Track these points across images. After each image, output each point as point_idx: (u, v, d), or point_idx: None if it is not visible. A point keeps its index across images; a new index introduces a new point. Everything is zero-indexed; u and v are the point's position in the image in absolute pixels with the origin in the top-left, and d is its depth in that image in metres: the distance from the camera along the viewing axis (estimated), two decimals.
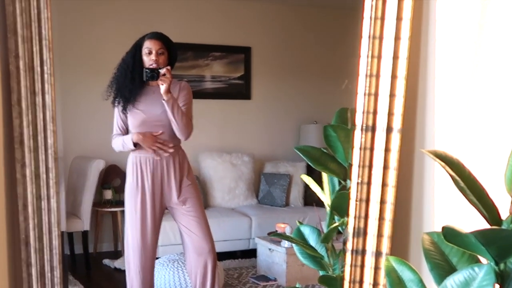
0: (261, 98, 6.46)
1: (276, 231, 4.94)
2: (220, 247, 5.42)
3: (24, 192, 1.78)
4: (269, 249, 4.90)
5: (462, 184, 1.23)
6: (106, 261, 5.34)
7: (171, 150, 3.29)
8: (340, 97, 6.93)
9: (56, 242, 1.80)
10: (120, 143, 3.34)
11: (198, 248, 3.36)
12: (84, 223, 5.07)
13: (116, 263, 5.14)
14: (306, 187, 6.07)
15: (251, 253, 5.47)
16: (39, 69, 1.74)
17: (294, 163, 6.14)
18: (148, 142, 3.26)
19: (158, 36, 3.26)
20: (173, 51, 3.33)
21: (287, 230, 4.75)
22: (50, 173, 1.78)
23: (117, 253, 5.63)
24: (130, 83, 3.24)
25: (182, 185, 3.36)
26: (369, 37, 1.65)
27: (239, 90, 6.37)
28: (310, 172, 6.07)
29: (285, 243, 4.73)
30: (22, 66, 1.73)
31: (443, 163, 1.24)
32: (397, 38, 1.63)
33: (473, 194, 1.23)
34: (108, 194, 5.54)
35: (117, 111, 3.36)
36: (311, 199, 6.05)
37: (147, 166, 3.30)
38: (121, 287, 3.41)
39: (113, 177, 5.52)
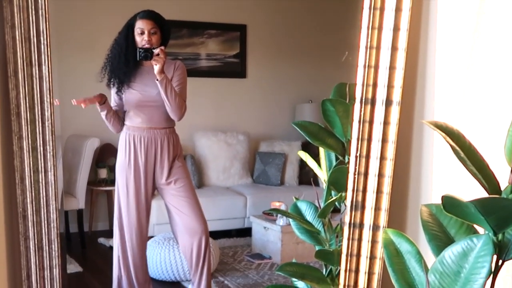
0: (257, 76, 6.43)
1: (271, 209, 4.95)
2: (215, 226, 5.45)
3: (21, 165, 1.77)
4: (264, 227, 4.91)
5: (462, 154, 1.23)
6: (101, 240, 5.35)
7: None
8: (336, 76, 6.88)
9: (53, 215, 1.79)
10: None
11: (191, 229, 3.36)
12: (79, 201, 5.07)
13: (111, 242, 5.09)
14: (301, 166, 6.08)
15: (246, 232, 5.49)
16: (35, 39, 1.72)
17: (290, 142, 6.14)
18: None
19: (150, 16, 3.22)
20: (166, 30, 3.29)
21: (283, 208, 4.76)
22: (47, 146, 1.77)
23: (112, 232, 5.62)
24: (124, 65, 3.22)
25: (173, 166, 3.36)
26: (369, 8, 1.64)
27: (234, 69, 6.33)
28: (306, 151, 6.06)
29: (280, 221, 4.74)
30: (18, 36, 1.71)
31: (443, 134, 1.24)
32: (398, 9, 1.62)
33: (473, 165, 1.23)
34: (103, 173, 5.53)
35: (112, 92, 3.37)
36: (306, 178, 6.06)
37: (140, 144, 3.30)
38: None
39: (108, 155, 5.50)
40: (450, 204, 1.20)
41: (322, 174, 2.24)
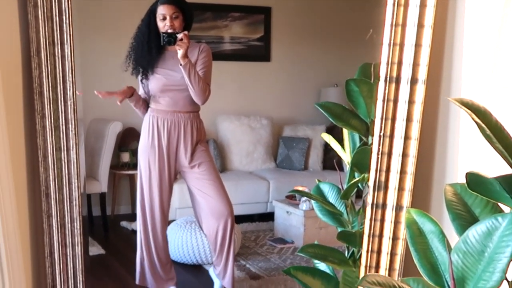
0: (281, 60, 6.37)
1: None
2: (237, 211, 5.41)
3: (44, 144, 1.78)
4: (287, 212, 4.90)
5: (488, 132, 1.20)
6: (123, 223, 5.39)
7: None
8: (363, 59, 6.76)
9: (76, 193, 1.80)
10: None
11: (216, 212, 3.36)
12: (102, 185, 5.10)
13: (134, 225, 5.17)
14: (325, 151, 6.04)
15: (268, 217, 5.48)
16: (57, 18, 1.72)
17: (313, 127, 6.10)
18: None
19: (170, 0, 3.19)
20: (188, 13, 3.27)
21: None
22: (70, 125, 1.78)
23: (134, 216, 5.60)
24: (147, 53, 3.23)
25: (196, 149, 3.37)
26: None
27: (258, 52, 6.28)
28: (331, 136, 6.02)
29: (303, 206, 4.73)
30: (41, 15, 1.71)
31: (469, 111, 1.21)
32: None
33: (499, 142, 1.20)
34: (126, 157, 5.56)
35: (139, 78, 3.38)
36: (330, 163, 6.01)
37: (164, 126, 3.31)
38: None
39: (130, 139, 5.52)
40: (474, 181, 1.17)
41: (346, 156, 2.22)
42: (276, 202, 5.09)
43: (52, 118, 1.76)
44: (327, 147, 5.97)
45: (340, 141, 2.26)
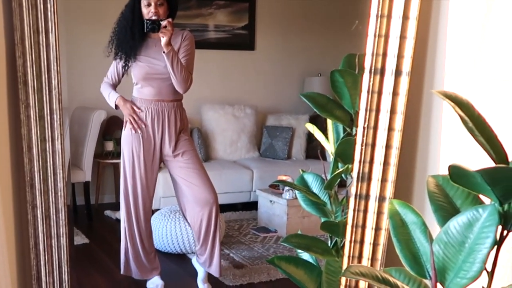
0: (265, 49, 6.39)
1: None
2: (221, 200, 5.41)
3: (28, 134, 1.77)
4: (270, 201, 4.93)
5: (470, 124, 1.22)
6: (107, 212, 5.39)
7: (140, 129, 3.30)
8: (347, 49, 6.81)
9: (60, 184, 1.80)
10: (106, 93, 3.39)
11: (201, 200, 3.37)
12: (86, 174, 5.10)
13: (118, 215, 5.16)
14: (309, 140, 6.07)
15: (252, 206, 5.52)
16: (42, 6, 1.70)
17: (297, 116, 6.13)
18: (126, 111, 3.30)
19: None
20: (173, 1, 3.25)
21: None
22: (54, 115, 1.77)
23: (118, 205, 5.56)
24: (130, 39, 3.21)
25: (179, 138, 3.37)
26: None
27: (242, 41, 6.29)
28: (314, 125, 6.03)
29: (286, 195, 4.76)
30: (25, 3, 1.70)
31: (452, 103, 1.23)
32: None
33: (481, 135, 1.22)
34: (110, 146, 5.55)
35: (114, 62, 3.36)
36: (313, 152, 6.06)
37: (147, 115, 3.30)
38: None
39: (114, 128, 5.51)
40: (456, 174, 1.19)
41: (330, 146, 2.23)
42: (260, 191, 5.12)
43: (37, 107, 1.75)
44: (310, 137, 6.00)
45: (324, 131, 2.28)
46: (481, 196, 1.31)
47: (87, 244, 4.55)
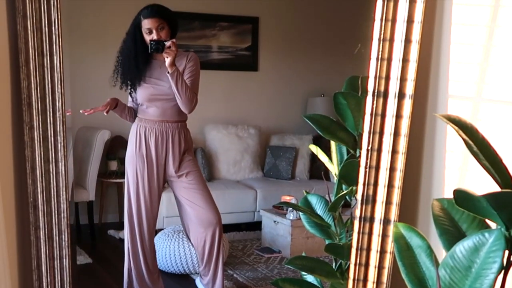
0: (268, 69, 6.40)
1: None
2: (224, 220, 5.40)
3: (32, 155, 1.78)
4: (274, 221, 4.91)
5: (475, 148, 1.22)
6: (111, 232, 5.37)
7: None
8: (349, 69, 6.84)
9: (64, 205, 1.80)
10: None
11: (204, 221, 3.36)
12: (90, 193, 5.08)
13: (121, 234, 5.15)
14: (312, 160, 6.05)
15: (255, 226, 5.48)
16: (46, 29, 1.72)
17: (301, 136, 6.12)
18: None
19: (153, 13, 3.15)
20: (173, 22, 3.24)
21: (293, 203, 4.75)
22: (58, 136, 1.77)
23: (122, 224, 5.58)
24: (135, 68, 3.22)
25: (184, 159, 3.36)
26: None
27: (246, 61, 6.30)
28: (317, 145, 6.03)
29: (290, 216, 4.74)
30: (30, 26, 1.71)
31: (456, 127, 1.23)
32: (412, 1, 1.60)
33: (486, 159, 1.22)
34: (113, 165, 5.55)
35: (128, 91, 3.38)
36: (317, 173, 6.04)
37: (152, 136, 3.30)
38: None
39: (118, 148, 5.51)
40: (462, 198, 1.18)
41: (333, 168, 2.23)
42: (264, 211, 5.10)
43: (41, 129, 1.76)
44: (314, 157, 5.98)
45: (327, 150, 2.27)
46: (487, 220, 1.30)
47: (90, 264, 4.52)
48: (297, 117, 6.48)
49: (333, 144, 2.21)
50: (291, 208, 4.74)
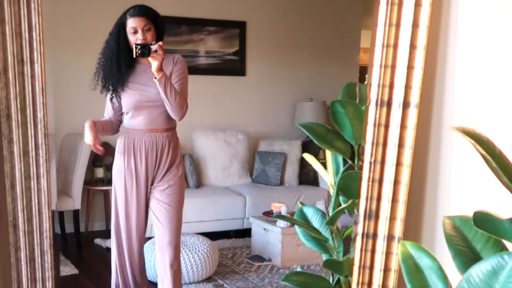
0: (256, 74, 6.34)
1: (272, 210, 4.86)
2: (213, 227, 5.36)
3: (11, 171, 1.65)
4: (264, 229, 4.81)
5: (494, 164, 1.12)
6: (97, 241, 5.27)
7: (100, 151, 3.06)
8: (337, 74, 6.87)
9: (46, 224, 1.68)
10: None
11: (158, 242, 3.17)
12: (75, 202, 4.98)
13: (108, 243, 5.04)
14: (302, 166, 5.98)
15: (245, 233, 5.41)
16: (27, 35, 1.59)
17: (290, 142, 6.05)
18: (87, 137, 3.05)
19: (141, 12, 2.97)
20: (160, 24, 3.06)
21: (283, 210, 4.66)
22: (40, 150, 1.65)
23: (109, 232, 5.48)
24: (117, 71, 3.02)
25: (169, 170, 3.15)
26: (387, 3, 1.52)
27: (233, 66, 6.24)
28: (306, 150, 5.98)
29: (281, 223, 4.64)
30: (9, 31, 1.59)
31: (473, 141, 1.13)
32: (417, 4, 1.51)
33: (506, 176, 1.12)
34: (100, 172, 5.43)
35: (107, 99, 3.17)
36: (306, 178, 5.97)
37: (141, 149, 3.10)
38: None
39: (104, 154, 5.38)
40: (482, 219, 1.09)
41: (328, 177, 2.14)
42: (253, 219, 5.01)
43: (21, 143, 1.63)
44: (303, 162, 5.92)
45: (316, 156, 2.19)
46: (503, 240, 1.21)
47: (76, 276, 4.40)
48: (285, 122, 6.43)
49: (328, 153, 2.12)
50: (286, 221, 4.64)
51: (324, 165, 2.16)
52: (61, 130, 5.34)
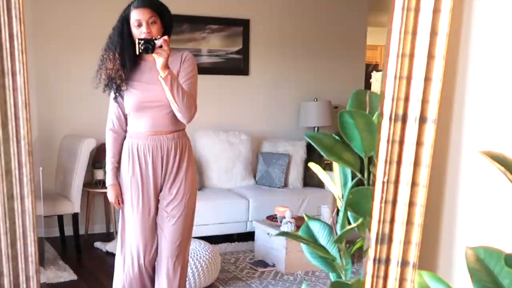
0: (260, 74, 6.22)
1: (275, 215, 4.73)
2: (216, 230, 5.24)
3: None
4: (268, 233, 4.69)
5: None
6: (97, 244, 5.17)
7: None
8: (342, 73, 6.76)
9: (32, 248, 1.55)
10: (108, 149, 3.00)
11: (159, 251, 2.99)
12: (75, 205, 4.88)
13: (108, 246, 4.94)
14: (306, 167, 5.85)
15: (248, 236, 5.29)
16: (8, 44, 1.46)
17: (294, 142, 5.92)
18: (109, 197, 2.97)
19: (146, 3, 2.75)
20: (167, 17, 2.84)
21: (287, 215, 4.53)
22: (24, 169, 1.52)
23: (109, 235, 5.45)
24: (121, 67, 2.81)
25: (177, 177, 2.93)
26: (402, 8, 1.38)
27: (236, 65, 6.11)
28: (311, 152, 5.86)
29: (285, 228, 4.51)
30: None
31: (502, 168, 1.00)
32: (436, 10, 1.37)
33: None
34: (100, 174, 5.31)
35: (111, 103, 2.96)
36: (311, 180, 5.84)
37: (146, 154, 2.87)
38: (113, 272, 3.13)
39: (104, 156, 5.25)
40: None
41: (336, 189, 2.02)
42: (257, 223, 4.88)
43: (3, 161, 1.50)
44: (307, 164, 5.78)
45: (321, 158, 2.07)
46: None
47: (75, 282, 4.29)
48: (290, 122, 6.31)
49: (335, 164, 1.99)
50: (285, 220, 4.53)
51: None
52: (60, 133, 5.24)
